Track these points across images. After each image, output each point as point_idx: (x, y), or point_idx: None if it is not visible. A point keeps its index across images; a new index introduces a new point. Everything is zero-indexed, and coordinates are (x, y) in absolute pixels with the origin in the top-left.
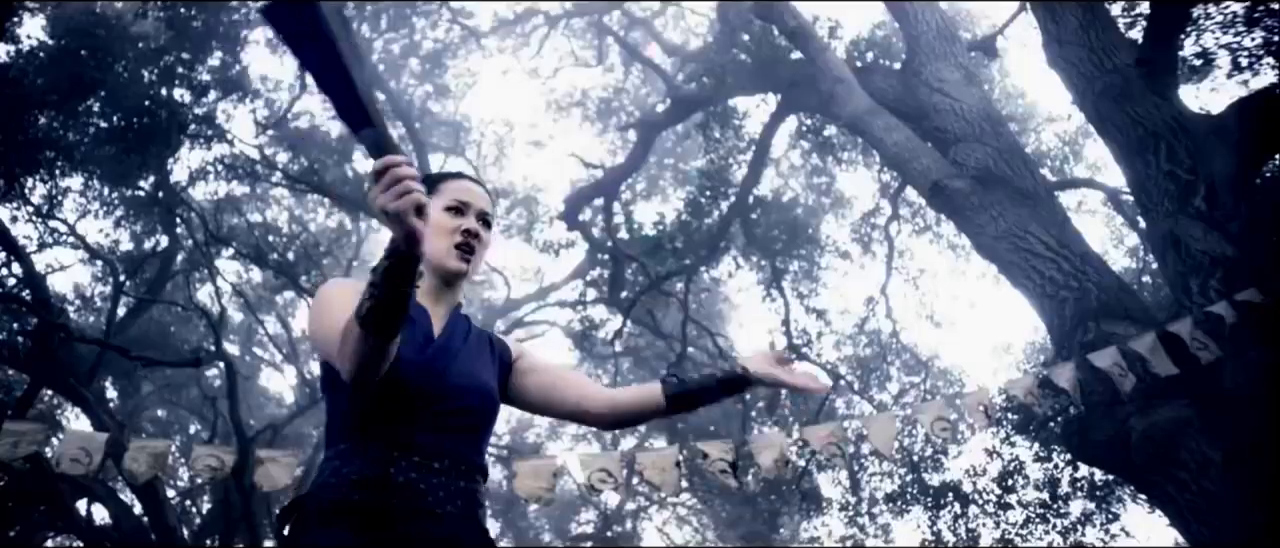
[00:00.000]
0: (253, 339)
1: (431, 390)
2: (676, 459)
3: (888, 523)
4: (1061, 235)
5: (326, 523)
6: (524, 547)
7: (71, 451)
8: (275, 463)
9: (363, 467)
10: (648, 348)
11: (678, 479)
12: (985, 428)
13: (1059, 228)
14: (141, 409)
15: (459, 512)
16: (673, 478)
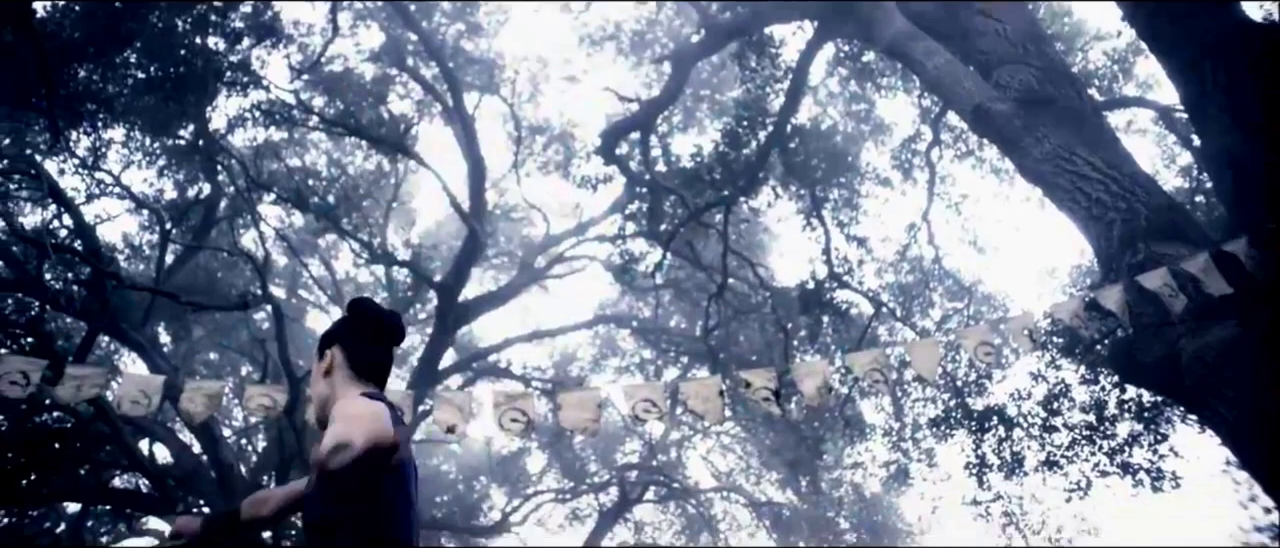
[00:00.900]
0: (298, 282)
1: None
2: (720, 388)
3: (931, 447)
4: (1110, 156)
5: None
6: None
7: (131, 393)
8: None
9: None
10: (688, 280)
11: (721, 408)
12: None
13: (1107, 149)
14: (194, 353)
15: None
16: (716, 407)
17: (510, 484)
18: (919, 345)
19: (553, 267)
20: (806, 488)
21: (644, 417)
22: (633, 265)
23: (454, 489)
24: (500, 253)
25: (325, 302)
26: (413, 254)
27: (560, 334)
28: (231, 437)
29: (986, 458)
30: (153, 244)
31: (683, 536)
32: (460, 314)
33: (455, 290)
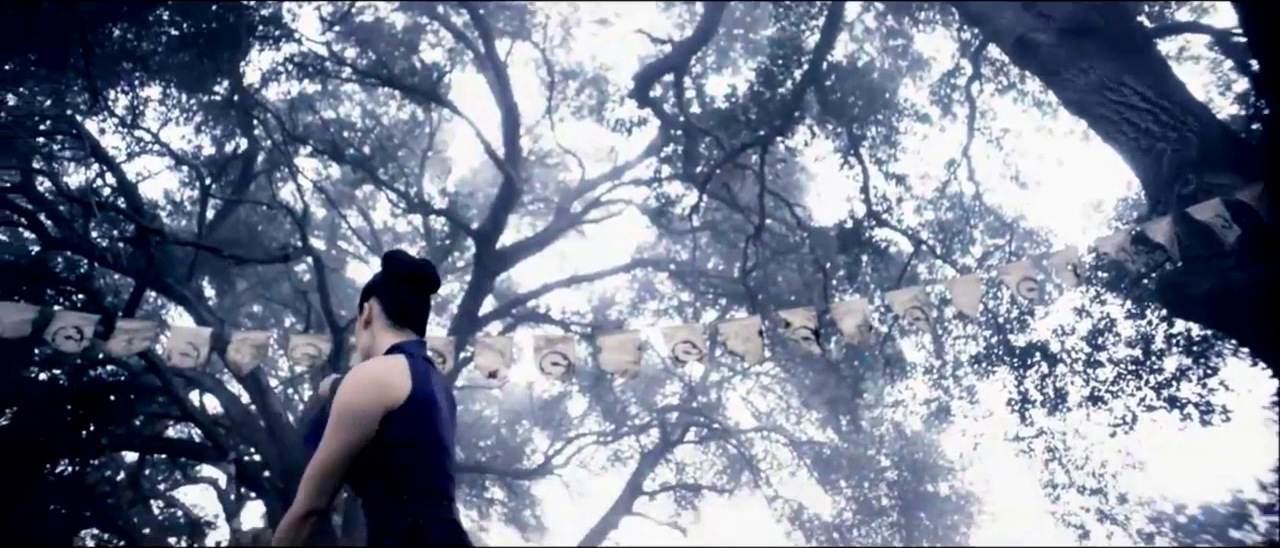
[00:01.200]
0: (337, 234)
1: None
2: (759, 328)
3: (972, 385)
4: (1159, 85)
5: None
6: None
7: (180, 345)
8: None
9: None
10: (725, 221)
11: (761, 348)
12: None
13: (1157, 77)
14: (238, 305)
15: None
16: (756, 347)
17: (552, 428)
18: (960, 282)
19: (589, 212)
20: (847, 427)
21: (684, 358)
22: (669, 208)
23: (497, 434)
24: (536, 199)
25: (365, 252)
26: (449, 203)
27: (598, 279)
28: (278, 386)
29: (1029, 394)
30: (193, 200)
31: (724, 475)
32: (498, 261)
33: (492, 238)
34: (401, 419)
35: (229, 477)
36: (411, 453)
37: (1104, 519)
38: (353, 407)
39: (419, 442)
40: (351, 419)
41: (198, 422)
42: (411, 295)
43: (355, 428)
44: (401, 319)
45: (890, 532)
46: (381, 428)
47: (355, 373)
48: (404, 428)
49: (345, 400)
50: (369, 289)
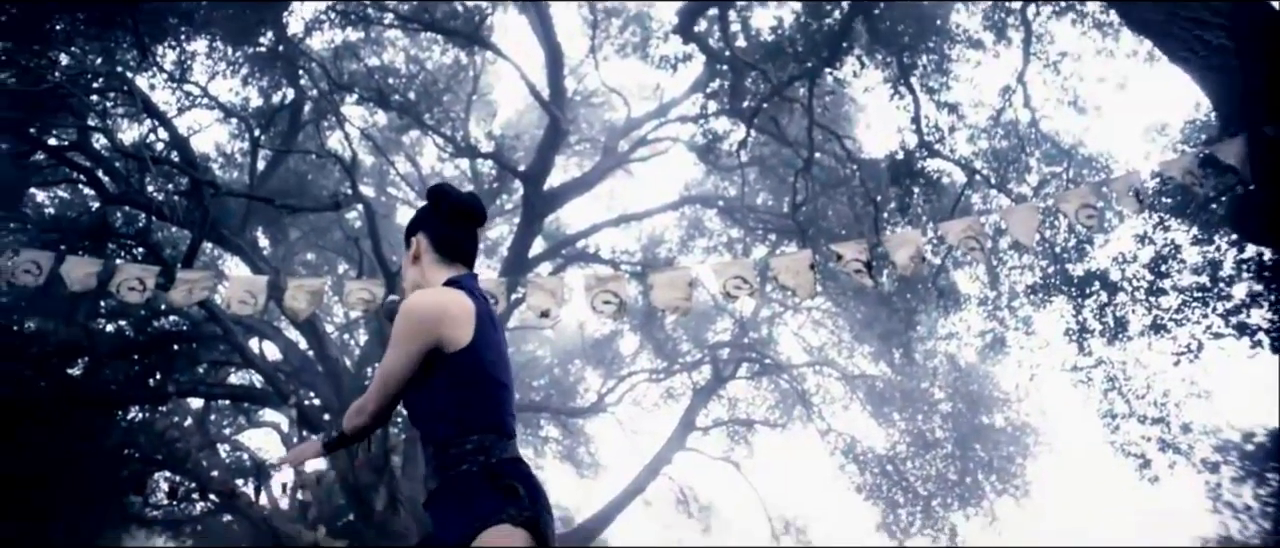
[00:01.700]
0: (386, 180)
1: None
2: (810, 262)
3: (1028, 316)
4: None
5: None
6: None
7: (238, 293)
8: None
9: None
10: (773, 156)
11: (812, 282)
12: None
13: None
14: (292, 254)
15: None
16: (807, 280)
17: (604, 367)
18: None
19: (636, 150)
20: (900, 360)
21: (735, 294)
22: (716, 145)
23: (550, 373)
24: (582, 140)
25: (413, 198)
26: (496, 146)
27: (646, 217)
28: (334, 332)
29: (1087, 324)
30: (244, 152)
31: (776, 410)
32: (546, 202)
33: (540, 179)
34: (467, 355)
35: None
36: (476, 391)
37: (1166, 449)
38: (412, 317)
39: (484, 379)
40: (410, 333)
41: (258, 368)
42: (460, 230)
43: (414, 341)
44: (452, 254)
45: (944, 464)
46: (449, 362)
47: (418, 294)
48: (471, 365)
49: (406, 312)
50: (416, 224)
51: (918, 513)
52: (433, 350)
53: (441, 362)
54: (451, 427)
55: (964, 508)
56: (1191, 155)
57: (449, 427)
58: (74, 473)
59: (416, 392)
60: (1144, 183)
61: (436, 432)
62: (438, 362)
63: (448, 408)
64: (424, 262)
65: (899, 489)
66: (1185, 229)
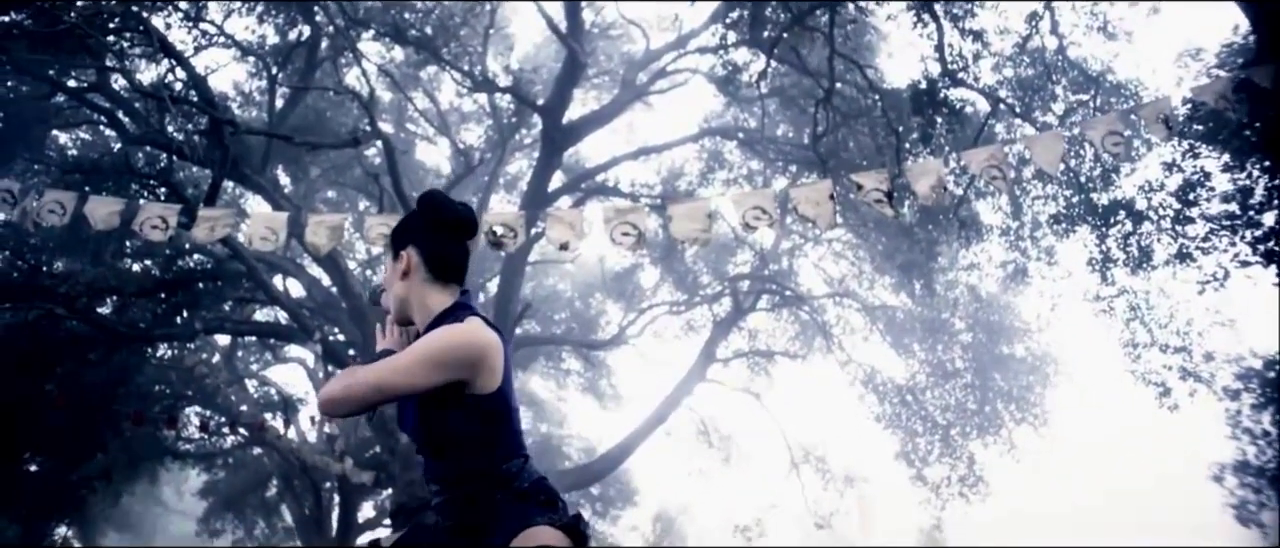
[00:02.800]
0: (404, 116)
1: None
2: (830, 193)
3: (1051, 246)
4: None
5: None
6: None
7: (259, 230)
8: None
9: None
10: (794, 87)
11: (832, 212)
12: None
13: None
14: (313, 191)
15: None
16: (827, 211)
17: (625, 300)
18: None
19: (655, 82)
20: (920, 291)
21: (754, 224)
22: (736, 76)
23: (571, 307)
24: (601, 73)
25: (433, 134)
26: (514, 80)
27: (666, 150)
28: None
29: (1110, 253)
30: (262, 90)
31: (797, 341)
32: (565, 136)
33: (558, 113)
34: (495, 397)
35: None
36: (504, 425)
37: (1187, 377)
38: (450, 351)
39: (508, 412)
40: (440, 364)
41: (282, 305)
42: (453, 245)
43: (442, 373)
44: (445, 274)
45: (964, 393)
46: (476, 400)
47: (462, 331)
48: (497, 402)
49: (445, 345)
50: (406, 235)
51: (936, 442)
52: (457, 384)
53: (468, 398)
54: (480, 457)
55: (982, 437)
56: (1226, 79)
57: (478, 457)
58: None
59: (437, 417)
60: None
61: (475, 464)
62: (461, 396)
63: (474, 439)
64: (415, 279)
65: (918, 419)
66: (1216, 156)
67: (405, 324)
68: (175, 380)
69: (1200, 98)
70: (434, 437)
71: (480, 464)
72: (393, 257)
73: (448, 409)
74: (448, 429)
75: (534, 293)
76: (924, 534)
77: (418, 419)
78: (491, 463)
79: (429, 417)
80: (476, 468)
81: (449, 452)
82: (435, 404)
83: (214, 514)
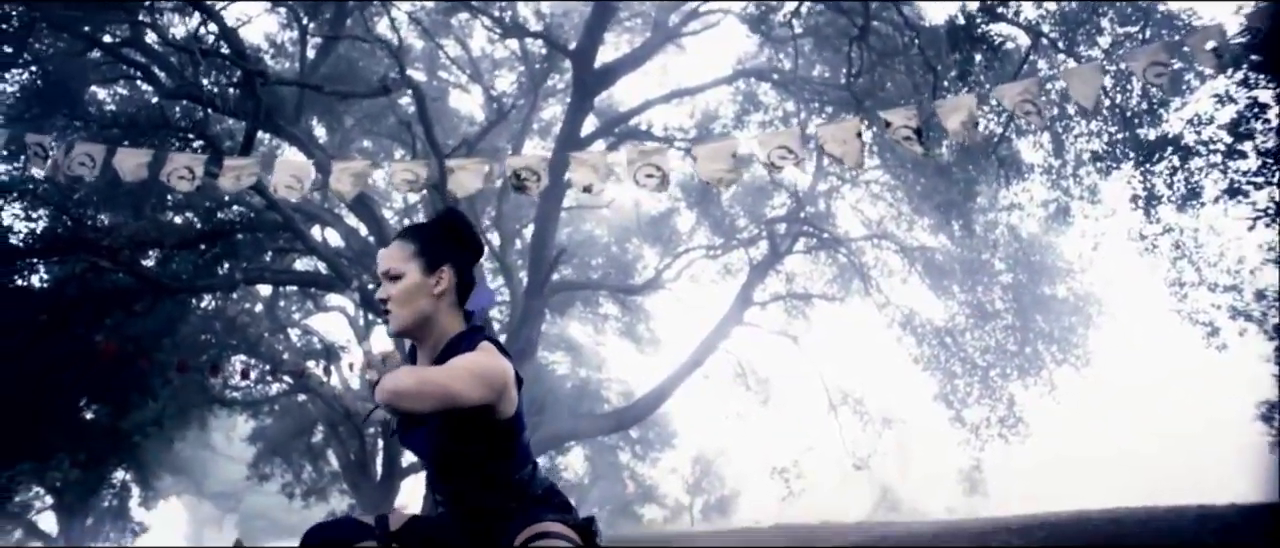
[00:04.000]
0: (436, 64)
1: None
2: (857, 130)
3: (1094, 184)
4: None
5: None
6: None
7: (285, 178)
8: (465, 170)
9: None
10: (829, 26)
11: (859, 150)
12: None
13: None
14: (348, 142)
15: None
16: (854, 149)
17: (661, 244)
18: (1077, 72)
19: (687, 24)
20: (960, 232)
21: (779, 164)
22: (770, 15)
23: (607, 252)
24: (632, 15)
25: (465, 81)
26: (545, 24)
27: (699, 93)
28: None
29: (1156, 190)
30: (293, 41)
31: (834, 284)
32: (597, 80)
33: (589, 56)
34: (511, 421)
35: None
36: (520, 437)
37: (1237, 316)
38: (489, 377)
39: (521, 429)
40: (483, 385)
41: (319, 254)
42: (473, 270)
43: (483, 392)
44: (464, 297)
45: (1004, 335)
46: (495, 423)
47: (501, 358)
48: (519, 419)
49: (487, 369)
50: (444, 251)
51: (975, 383)
52: (485, 407)
53: (491, 422)
54: (493, 472)
55: (1023, 378)
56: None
57: (491, 473)
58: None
59: (459, 436)
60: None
61: (476, 478)
62: (486, 419)
63: (491, 458)
64: (444, 301)
65: (957, 360)
66: (1272, 86)
67: (404, 337)
68: (219, 330)
69: (1254, 23)
70: (451, 455)
71: (493, 478)
72: (425, 268)
73: (470, 429)
74: (468, 448)
75: (570, 238)
76: (963, 476)
77: (437, 437)
78: (504, 475)
79: (450, 435)
80: (489, 482)
81: (464, 469)
82: (459, 424)
83: (262, 459)
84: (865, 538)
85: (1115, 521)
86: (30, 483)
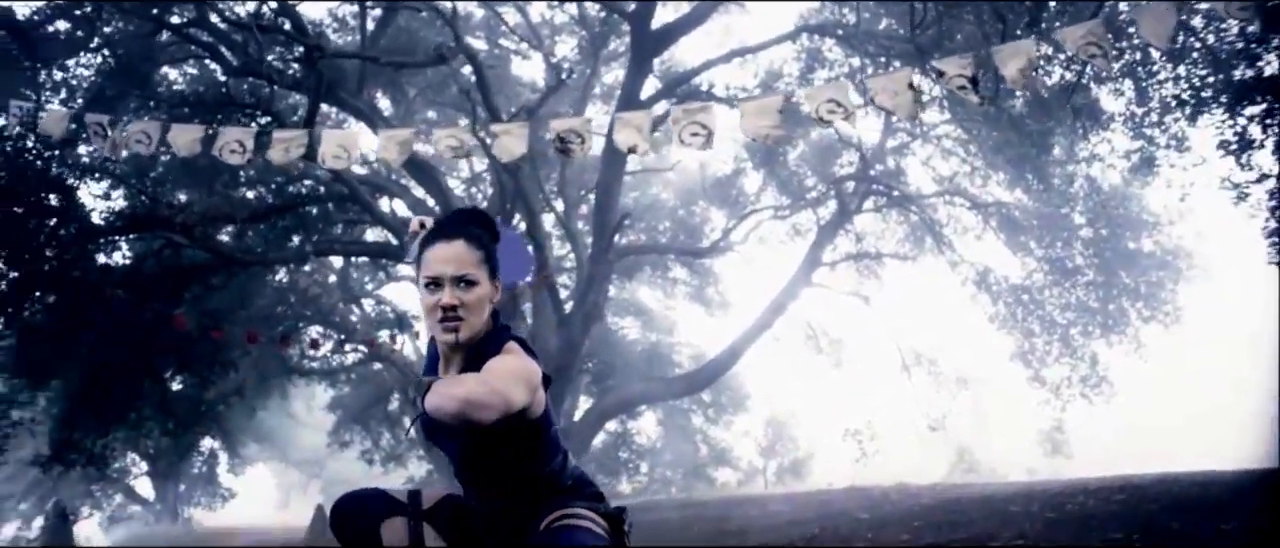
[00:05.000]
0: (496, 32)
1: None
2: (909, 81)
3: (1181, 131)
4: None
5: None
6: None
7: (332, 148)
8: (508, 135)
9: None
10: None
11: (912, 102)
12: None
13: None
14: (412, 112)
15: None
16: (907, 101)
17: (728, 206)
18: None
19: None
20: (1037, 186)
21: (828, 118)
22: None
23: (674, 215)
24: None
25: (526, 48)
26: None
27: (761, 51)
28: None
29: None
30: (354, 15)
31: (906, 242)
32: (656, 42)
33: (647, 18)
34: (542, 417)
35: None
36: (550, 431)
37: None
38: (531, 381)
39: (551, 424)
40: (531, 389)
41: (386, 225)
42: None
43: (528, 394)
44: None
45: (1085, 291)
46: (538, 420)
47: (531, 360)
48: (548, 415)
49: (531, 369)
50: (495, 262)
51: (1055, 342)
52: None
53: (525, 421)
54: (524, 468)
55: (1106, 336)
56: None
57: (522, 468)
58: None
59: (493, 437)
60: None
61: (508, 474)
62: (520, 417)
63: (523, 456)
64: (486, 310)
65: (1035, 319)
66: None
67: (458, 351)
68: (294, 302)
69: None
70: (484, 454)
71: (522, 474)
72: (490, 276)
73: (504, 429)
74: (502, 446)
75: (636, 203)
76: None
77: (465, 437)
78: (532, 471)
79: (480, 436)
80: (518, 478)
81: (492, 467)
82: (489, 427)
83: (342, 427)
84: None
85: (1201, 484)
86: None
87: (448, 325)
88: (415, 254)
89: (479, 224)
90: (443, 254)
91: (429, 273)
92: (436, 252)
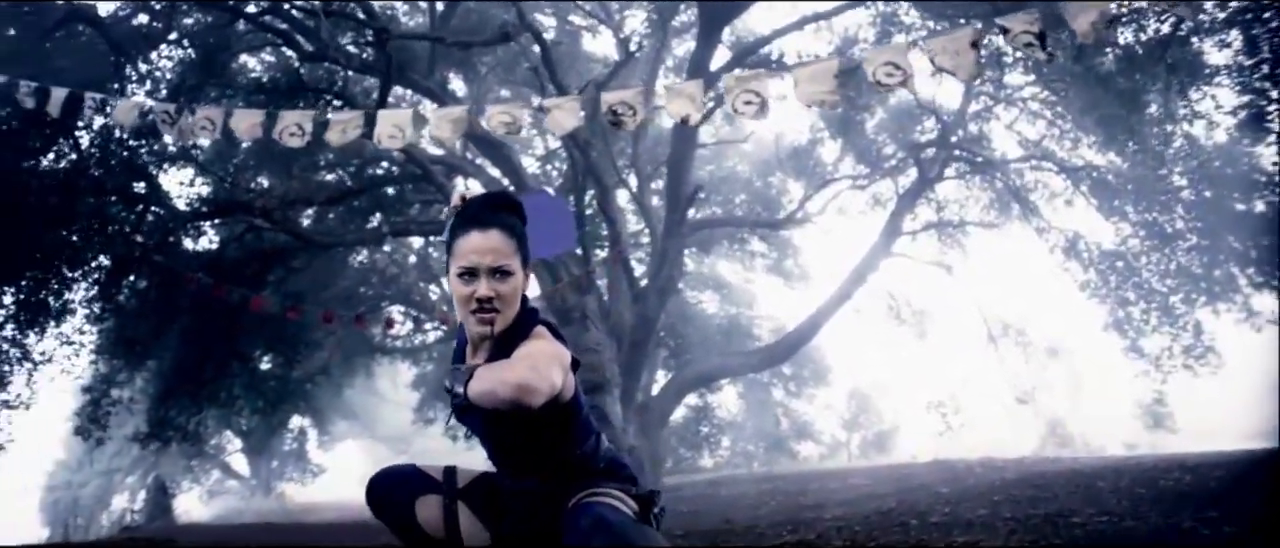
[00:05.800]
0: (566, 7)
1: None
2: (972, 40)
3: None
4: None
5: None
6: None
7: (387, 128)
8: (560, 109)
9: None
10: None
11: (974, 61)
12: None
13: None
14: (485, 91)
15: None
16: (968, 61)
17: (805, 176)
18: None
19: None
20: (1132, 147)
21: (886, 82)
22: None
23: (750, 188)
24: None
25: (596, 23)
26: None
27: (835, 16)
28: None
29: None
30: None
31: (991, 210)
32: (725, 11)
33: None
34: (574, 399)
35: None
36: (581, 413)
37: None
38: (567, 363)
39: (583, 404)
40: (567, 370)
41: None
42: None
43: (565, 377)
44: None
45: (1187, 257)
46: (569, 403)
47: (560, 345)
48: (578, 398)
49: (564, 353)
50: (527, 249)
51: (1154, 310)
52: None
53: (558, 405)
54: (557, 451)
55: (1213, 304)
56: None
57: (555, 452)
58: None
59: (528, 421)
60: None
61: (541, 457)
62: (552, 401)
63: (556, 439)
64: (519, 299)
65: (1131, 286)
66: None
67: (487, 340)
68: (375, 282)
69: None
70: (519, 437)
71: (554, 458)
72: (522, 265)
73: (535, 416)
74: (537, 429)
75: (712, 176)
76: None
77: (499, 423)
78: (564, 454)
79: (521, 420)
80: (550, 461)
81: (525, 451)
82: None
83: (426, 404)
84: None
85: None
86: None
87: (484, 317)
88: (446, 238)
89: (512, 211)
90: (479, 244)
91: (464, 263)
92: (471, 241)
